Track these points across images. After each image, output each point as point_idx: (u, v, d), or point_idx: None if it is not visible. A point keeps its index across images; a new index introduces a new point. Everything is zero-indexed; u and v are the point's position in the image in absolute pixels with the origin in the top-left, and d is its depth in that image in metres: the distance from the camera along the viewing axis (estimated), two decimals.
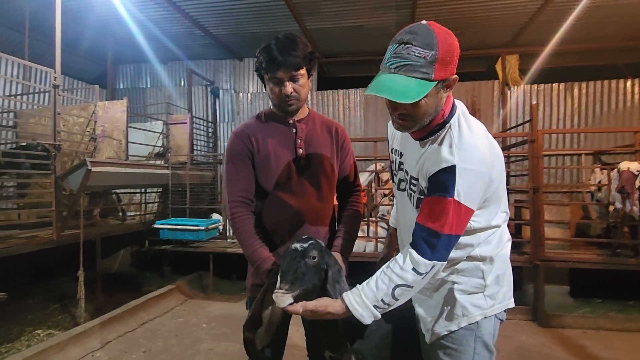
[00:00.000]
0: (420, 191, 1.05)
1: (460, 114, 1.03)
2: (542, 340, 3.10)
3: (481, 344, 1.09)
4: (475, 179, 0.95)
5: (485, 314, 1.09)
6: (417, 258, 0.94)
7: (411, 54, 0.89)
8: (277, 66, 1.22)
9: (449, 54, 0.91)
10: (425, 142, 1.04)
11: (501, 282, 1.12)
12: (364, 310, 0.96)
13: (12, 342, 3.18)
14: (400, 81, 0.90)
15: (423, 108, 0.95)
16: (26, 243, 3.33)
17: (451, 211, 0.92)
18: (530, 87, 6.04)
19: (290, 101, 1.27)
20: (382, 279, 0.97)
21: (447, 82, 0.95)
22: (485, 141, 1.00)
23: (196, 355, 2.84)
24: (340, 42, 6.23)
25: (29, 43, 5.23)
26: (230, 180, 1.32)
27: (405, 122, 1.00)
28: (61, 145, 3.51)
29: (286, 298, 0.97)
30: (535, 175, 3.57)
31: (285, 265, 1.01)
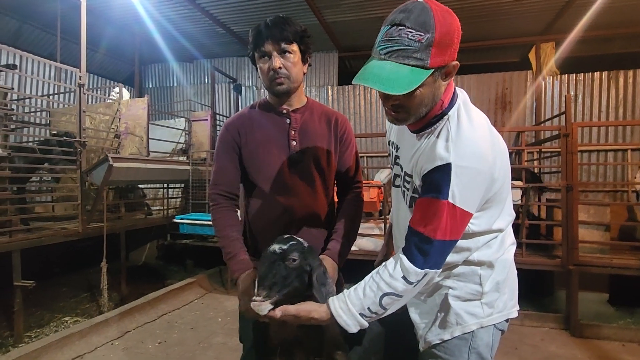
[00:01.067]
0: (414, 189, 0.96)
1: (461, 104, 0.92)
2: (574, 351, 2.85)
3: (476, 355, 0.99)
4: (473, 179, 0.84)
5: (481, 324, 0.99)
6: (407, 266, 0.86)
7: (404, 37, 0.78)
8: (264, 38, 1.16)
9: (448, 35, 0.79)
10: (421, 135, 0.95)
11: (501, 289, 1.01)
12: (349, 318, 0.89)
13: (42, 328, 3.37)
14: (391, 69, 0.79)
15: (418, 98, 0.84)
16: (55, 234, 3.52)
17: (445, 215, 0.83)
18: (568, 77, 5.58)
19: (279, 78, 1.18)
20: (370, 285, 0.90)
21: (446, 69, 0.83)
22: (486, 135, 0.89)
23: (208, 348, 2.87)
24: (361, 35, 6.07)
25: (63, 44, 5.53)
26: (215, 172, 1.29)
27: (398, 114, 0.90)
28: (86, 142, 3.66)
29: (264, 306, 0.89)
30: (569, 172, 3.27)
31: (263, 270, 0.93)
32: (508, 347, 2.85)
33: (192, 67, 7.69)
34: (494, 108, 5.96)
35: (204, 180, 4.94)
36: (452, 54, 0.82)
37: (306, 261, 0.98)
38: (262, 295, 0.90)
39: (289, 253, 0.95)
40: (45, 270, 4.25)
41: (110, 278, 3.74)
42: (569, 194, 3.27)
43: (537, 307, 3.69)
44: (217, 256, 4.70)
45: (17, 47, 5.46)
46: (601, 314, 3.56)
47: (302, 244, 1.00)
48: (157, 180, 4.98)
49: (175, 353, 2.79)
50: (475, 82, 6.01)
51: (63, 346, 2.70)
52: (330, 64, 6.69)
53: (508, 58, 6.59)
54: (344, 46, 6.56)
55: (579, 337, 3.07)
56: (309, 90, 6.73)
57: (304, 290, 0.98)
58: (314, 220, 1.28)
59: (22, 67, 5.69)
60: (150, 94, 7.64)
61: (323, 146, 1.28)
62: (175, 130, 5.68)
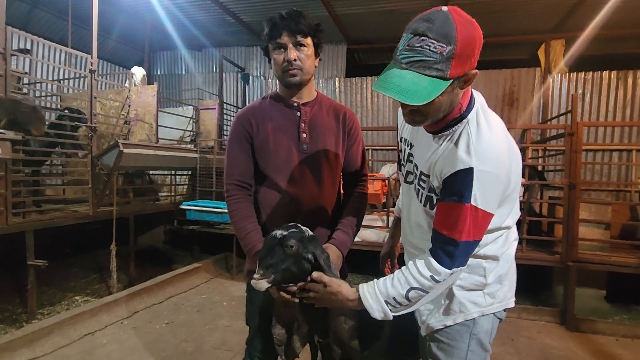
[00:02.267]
0: (430, 189, 0.99)
1: (479, 107, 0.94)
2: (568, 344, 2.93)
3: (476, 341, 1.05)
4: (493, 182, 0.88)
5: (482, 312, 1.05)
6: (436, 267, 0.91)
7: (425, 48, 0.78)
8: (280, 30, 1.19)
9: (469, 47, 0.80)
10: (439, 137, 0.96)
11: (503, 282, 1.07)
12: (375, 302, 0.94)
13: (54, 306, 3.50)
14: (411, 79, 0.80)
15: (436, 105, 0.86)
16: (66, 217, 3.62)
17: (468, 217, 0.87)
18: (576, 75, 5.55)
19: (292, 70, 1.22)
20: (399, 277, 0.95)
21: (465, 77, 0.85)
22: (503, 140, 0.93)
23: (214, 330, 2.98)
24: (371, 28, 6.05)
25: (74, 30, 5.57)
26: (228, 163, 1.32)
27: (416, 118, 0.92)
28: (97, 127, 3.73)
29: (261, 283, 0.97)
30: (573, 171, 3.31)
31: (263, 252, 1.01)
32: (504, 338, 2.94)
33: (200, 56, 7.70)
34: (501, 105, 5.95)
35: (211, 168, 5.02)
36: (472, 64, 0.83)
37: (306, 249, 1.03)
38: (260, 274, 0.98)
39: (288, 239, 1.00)
40: (56, 251, 4.38)
41: (119, 260, 3.85)
42: (571, 192, 3.31)
43: (535, 301, 3.77)
44: (223, 243, 4.84)
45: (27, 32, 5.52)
46: (597, 310, 3.62)
47: (302, 233, 1.04)
48: (165, 167, 5.06)
49: (182, 333, 2.90)
50: (483, 79, 5.99)
51: (75, 323, 2.82)
52: (339, 56, 6.68)
53: (517, 55, 6.53)
54: (353, 38, 6.53)
55: (574, 331, 3.15)
56: (317, 82, 6.74)
57: (304, 276, 1.03)
58: (320, 210, 1.33)
59: (33, 52, 5.74)
60: (159, 81, 7.69)
61: (331, 139, 1.32)
62: (183, 118, 5.74)
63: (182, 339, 2.81)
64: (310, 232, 1.07)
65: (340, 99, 6.60)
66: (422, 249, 1.07)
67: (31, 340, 2.49)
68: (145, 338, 2.79)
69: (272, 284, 0.99)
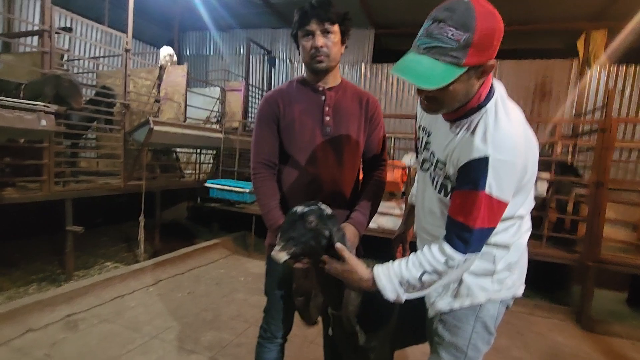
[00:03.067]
0: (446, 176, 1.01)
1: (498, 97, 0.95)
2: (581, 344, 2.90)
3: (481, 324, 1.09)
4: (509, 171, 0.89)
5: (490, 297, 1.08)
6: (450, 252, 0.92)
7: (443, 35, 0.81)
8: (309, 18, 1.24)
9: (488, 38, 0.81)
10: (457, 125, 0.98)
11: (512, 269, 1.09)
12: (388, 282, 0.96)
13: (88, 269, 3.79)
14: (427, 64, 0.82)
15: (451, 93, 0.88)
16: (100, 188, 3.86)
17: (483, 205, 0.88)
18: (616, 67, 5.23)
19: (320, 56, 1.27)
20: (413, 261, 0.97)
21: (482, 68, 0.86)
22: (521, 130, 0.94)
23: (231, 302, 3.15)
24: (398, 12, 5.90)
25: (111, 9, 5.76)
26: (256, 143, 1.38)
27: (431, 105, 0.94)
28: (130, 104, 3.92)
29: (281, 255, 1.03)
30: (602, 169, 3.20)
31: (285, 226, 1.07)
32: (513, 332, 2.95)
33: (228, 37, 7.78)
34: (532, 97, 5.72)
35: (234, 149, 5.16)
36: (490, 55, 0.84)
37: (325, 225, 1.08)
38: (280, 246, 1.04)
39: (308, 215, 1.05)
40: (89, 219, 4.69)
41: (145, 232, 4.09)
42: (598, 190, 3.21)
43: (550, 299, 3.73)
44: (242, 221, 5.02)
45: (68, 10, 5.73)
46: (616, 313, 3.54)
47: (322, 210, 1.09)
48: (191, 145, 5.24)
49: (202, 303, 3.09)
50: (513, 69, 5.76)
51: (107, 286, 3.06)
52: (365, 41, 6.58)
53: (551, 44, 6.19)
54: (380, 23, 6.40)
55: (589, 331, 3.10)
56: (343, 67, 6.69)
57: (321, 251, 1.09)
58: (339, 191, 1.39)
59: (74, 30, 5.99)
60: (188, 61, 7.85)
61: (354, 124, 1.37)
62: (210, 99, 5.87)
63: (201, 308, 2.99)
64: (330, 210, 1.12)
65: (365, 85, 6.54)
66: (434, 235, 1.11)
67: (69, 298, 2.74)
68: (168, 304, 3.00)
69: (290, 256, 1.05)
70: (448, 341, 1.11)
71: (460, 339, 1.09)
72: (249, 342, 1.56)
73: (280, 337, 1.48)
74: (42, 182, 3.22)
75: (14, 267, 3.67)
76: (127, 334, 2.47)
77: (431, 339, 1.19)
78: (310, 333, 2.52)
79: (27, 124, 2.64)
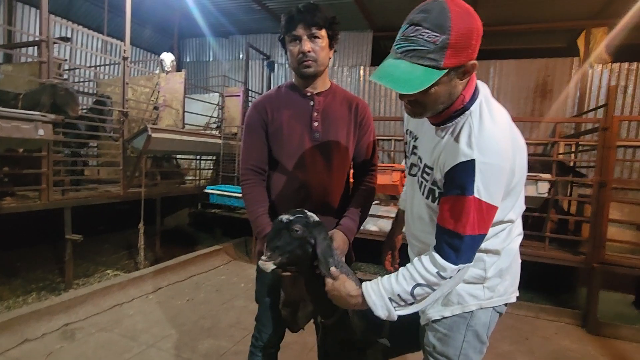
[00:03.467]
0: (433, 182, 0.98)
1: (482, 99, 0.93)
2: (587, 347, 2.84)
3: (472, 332, 1.06)
4: (496, 174, 0.86)
5: (481, 305, 1.05)
6: (442, 263, 0.89)
7: (419, 38, 0.79)
8: (296, 22, 1.23)
9: (465, 38, 0.80)
10: (442, 129, 0.96)
11: (504, 276, 1.06)
12: (378, 298, 0.93)
13: (88, 277, 3.79)
14: (405, 68, 0.81)
15: (433, 96, 0.86)
16: (100, 196, 3.87)
17: (472, 210, 0.85)
18: (619, 65, 5.17)
19: (307, 61, 1.26)
20: (403, 274, 0.93)
21: (463, 68, 0.84)
22: (507, 132, 0.91)
23: (230, 309, 3.13)
24: (397, 14, 5.87)
25: (110, 18, 5.82)
26: (244, 149, 1.38)
27: (415, 109, 0.92)
28: (128, 112, 3.93)
29: (268, 265, 1.02)
30: (604, 168, 3.14)
31: (271, 235, 1.06)
32: (518, 337, 2.89)
33: (227, 43, 7.83)
34: (533, 96, 5.67)
35: (234, 154, 5.17)
36: (469, 55, 0.82)
37: (311, 234, 1.06)
38: (267, 256, 1.03)
39: (293, 224, 1.04)
40: (90, 227, 4.70)
41: (146, 239, 4.09)
42: (601, 190, 3.15)
43: (555, 302, 3.66)
44: (243, 227, 5.01)
45: (68, 19, 5.81)
46: (624, 315, 3.47)
47: (308, 218, 1.08)
48: (190, 152, 5.25)
49: (201, 310, 3.06)
50: (514, 68, 5.72)
51: (105, 294, 3.05)
52: (364, 44, 6.58)
53: (552, 43, 6.14)
54: (378, 26, 6.40)
55: (595, 334, 3.04)
56: (341, 70, 6.69)
57: (308, 259, 1.07)
58: (329, 197, 1.37)
59: (73, 39, 6.06)
60: (187, 68, 7.91)
61: (343, 129, 1.35)
62: (209, 105, 5.90)
63: (200, 315, 2.97)
64: (316, 217, 1.10)
65: (365, 88, 6.52)
66: (423, 242, 1.09)
67: (67, 307, 2.73)
68: (167, 312, 2.98)
69: (277, 265, 1.04)
70: (439, 350, 1.08)
71: (451, 349, 1.07)
72: (247, 350, 1.53)
73: (272, 345, 1.45)
74: (41, 191, 3.23)
75: (14, 276, 3.68)
76: (124, 343, 2.46)
77: (423, 348, 1.16)
78: (310, 341, 2.48)
79: (24, 134, 2.65)
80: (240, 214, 4.85)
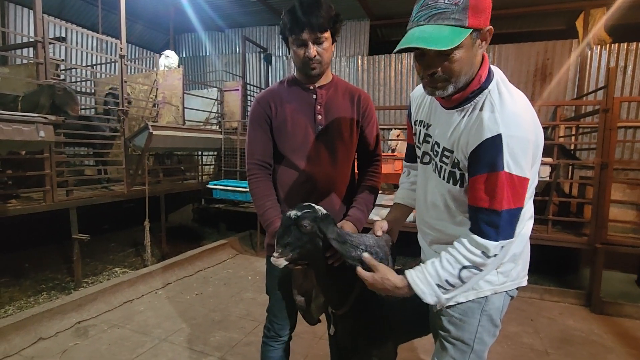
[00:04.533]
0: (454, 164, 0.98)
1: (498, 79, 0.95)
2: (591, 326, 2.89)
3: (487, 317, 1.08)
4: (523, 146, 0.86)
5: (495, 290, 1.06)
6: (483, 242, 0.89)
7: (440, 2, 0.82)
8: (302, 27, 1.21)
9: (482, 1, 0.83)
10: (461, 110, 0.96)
11: (517, 261, 1.08)
12: (426, 286, 0.93)
13: (96, 276, 3.83)
14: (432, 30, 0.82)
15: (457, 64, 0.86)
16: (103, 195, 3.89)
17: (505, 185, 0.85)
18: (617, 46, 5.13)
19: (313, 64, 1.27)
20: (447, 258, 0.93)
21: (481, 33, 0.86)
22: (527, 107, 0.92)
23: (239, 302, 3.17)
24: (394, 2, 5.84)
25: (104, 16, 5.76)
26: (249, 144, 1.38)
27: (437, 84, 0.91)
28: (128, 110, 3.92)
29: (280, 261, 1.04)
30: (606, 150, 3.15)
31: (280, 231, 1.07)
32: (524, 318, 2.94)
33: (223, 37, 7.76)
34: (533, 80, 5.64)
35: (235, 149, 5.17)
36: (485, 20, 0.85)
37: (320, 228, 1.07)
38: (278, 253, 1.04)
39: (302, 219, 1.05)
40: (96, 227, 4.74)
41: (152, 236, 4.12)
42: (602, 171, 3.16)
43: (560, 283, 3.71)
44: (248, 220, 5.04)
45: (62, 18, 5.74)
46: (627, 294, 3.51)
47: (316, 212, 1.08)
48: (192, 148, 5.25)
49: (211, 304, 3.11)
50: (514, 52, 5.68)
51: (115, 292, 3.09)
52: (361, 33, 6.52)
53: (552, 25, 6.08)
54: (376, 14, 6.33)
55: (599, 313, 3.09)
56: (339, 60, 6.63)
57: (319, 252, 1.09)
58: (334, 189, 1.39)
59: (68, 39, 6.01)
60: (185, 63, 7.85)
61: (346, 121, 1.36)
62: (208, 100, 5.88)
63: (210, 308, 3.02)
64: (324, 210, 1.11)
65: (363, 78, 6.48)
66: (437, 229, 1.10)
67: (79, 306, 2.77)
68: (177, 307, 3.02)
69: (289, 261, 1.06)
70: (454, 335, 1.10)
71: (467, 333, 1.08)
72: (258, 340, 1.56)
73: (284, 335, 1.48)
74: (46, 192, 3.24)
75: (24, 277, 3.73)
76: (136, 338, 2.50)
77: (436, 333, 1.18)
78: (320, 329, 2.53)
79: (25, 136, 2.66)
80: (244, 208, 4.87)
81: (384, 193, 4.30)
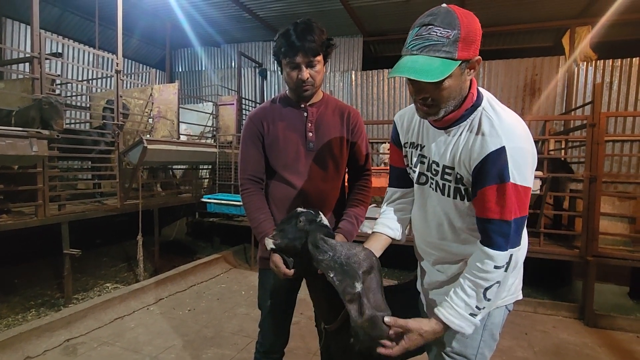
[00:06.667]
0: (457, 180, 1.00)
1: (488, 97, 1.00)
2: (585, 340, 2.89)
3: (488, 332, 1.09)
4: (525, 157, 0.91)
5: (496, 305, 1.07)
6: (493, 254, 0.93)
7: (433, 35, 0.87)
8: (296, 51, 1.26)
9: (472, 33, 0.88)
10: (458, 127, 0.99)
11: (516, 275, 1.10)
12: (461, 320, 0.96)
13: (87, 292, 3.77)
14: (424, 61, 0.87)
15: (447, 91, 0.92)
16: (96, 209, 3.86)
17: (512, 195, 0.90)
18: (603, 62, 5.29)
19: (305, 87, 1.32)
20: (468, 285, 0.96)
21: (470, 63, 0.91)
22: (521, 120, 0.97)
23: (233, 317, 3.13)
24: (386, 19, 5.99)
25: (100, 30, 5.83)
26: (242, 160, 1.42)
27: (429, 108, 0.96)
28: (123, 125, 3.94)
29: (269, 242, 1.15)
30: (594, 163, 3.22)
31: (284, 219, 1.19)
32: (518, 332, 2.93)
33: (219, 52, 7.87)
34: (522, 95, 5.78)
35: (230, 163, 5.18)
36: (475, 50, 0.90)
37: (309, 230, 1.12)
38: (272, 236, 1.16)
39: (301, 215, 1.15)
40: (88, 241, 4.68)
41: (145, 251, 4.08)
42: (591, 185, 3.22)
43: (553, 296, 3.71)
44: (242, 234, 5.02)
45: (59, 34, 5.80)
46: (620, 306, 3.53)
47: (316, 217, 1.16)
48: (187, 162, 5.26)
49: (203, 320, 3.07)
50: (503, 68, 5.83)
51: (106, 308, 3.04)
52: (355, 49, 6.66)
53: (539, 42, 6.28)
54: (368, 31, 6.48)
55: (593, 326, 3.10)
56: (334, 75, 6.75)
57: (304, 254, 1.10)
58: (326, 203, 1.43)
59: (65, 54, 6.06)
60: (180, 78, 7.93)
61: (336, 138, 1.41)
62: (203, 114, 5.92)
63: (202, 324, 2.97)
64: (326, 221, 1.17)
65: (357, 93, 6.59)
66: (442, 249, 1.11)
67: (68, 323, 2.72)
68: (169, 323, 2.98)
69: (275, 246, 1.14)
70: (457, 351, 1.10)
71: (470, 349, 1.09)
72: (251, 357, 1.54)
73: (276, 351, 1.47)
74: (38, 207, 3.22)
75: (13, 293, 3.65)
76: (126, 356, 2.45)
77: (430, 349, 1.17)
78: (314, 345, 2.50)
79: (19, 150, 2.66)
80: (238, 222, 4.85)
81: (377, 207, 4.32)
